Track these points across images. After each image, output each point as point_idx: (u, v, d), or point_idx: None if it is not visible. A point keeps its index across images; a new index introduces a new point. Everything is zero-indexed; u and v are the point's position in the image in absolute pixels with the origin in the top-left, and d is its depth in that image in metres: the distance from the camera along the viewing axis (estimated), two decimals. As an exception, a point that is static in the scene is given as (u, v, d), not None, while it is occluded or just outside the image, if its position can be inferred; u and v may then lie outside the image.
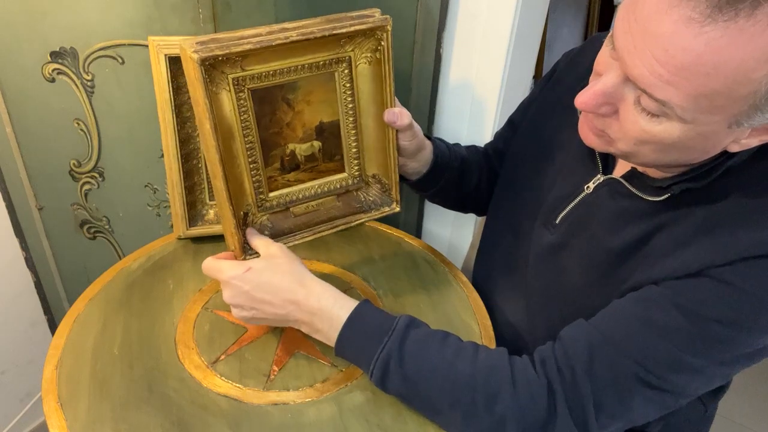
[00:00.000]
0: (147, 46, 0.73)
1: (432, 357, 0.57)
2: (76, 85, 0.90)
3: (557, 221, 0.68)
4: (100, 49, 0.87)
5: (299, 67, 0.65)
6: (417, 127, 0.74)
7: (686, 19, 0.42)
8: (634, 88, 0.49)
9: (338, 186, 0.75)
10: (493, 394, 0.55)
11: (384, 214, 0.77)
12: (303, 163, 0.71)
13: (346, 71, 0.68)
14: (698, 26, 0.42)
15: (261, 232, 0.69)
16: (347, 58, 0.67)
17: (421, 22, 0.95)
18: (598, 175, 0.65)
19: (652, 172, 0.59)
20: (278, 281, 0.61)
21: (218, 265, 0.63)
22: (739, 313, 0.50)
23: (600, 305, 0.61)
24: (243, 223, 0.69)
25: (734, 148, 0.51)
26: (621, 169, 0.64)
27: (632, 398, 0.54)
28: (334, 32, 0.62)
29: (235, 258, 0.66)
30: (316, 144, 0.71)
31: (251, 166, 0.67)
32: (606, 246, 0.61)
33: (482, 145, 0.91)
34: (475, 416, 0.55)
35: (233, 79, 0.61)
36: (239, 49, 0.58)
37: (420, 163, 0.78)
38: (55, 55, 0.88)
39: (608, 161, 0.65)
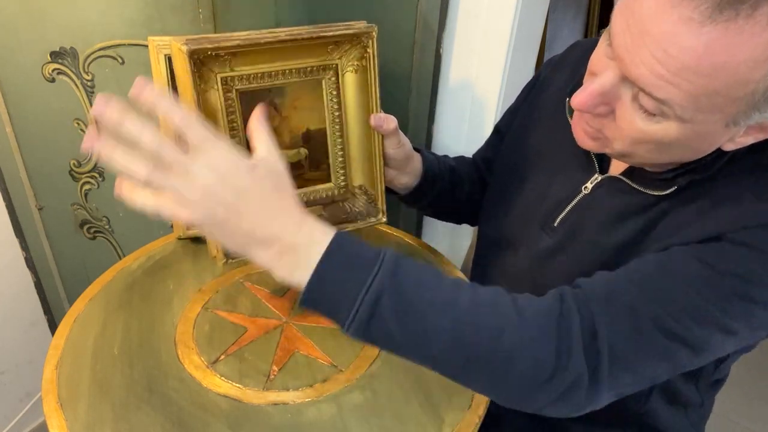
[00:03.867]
0: (147, 46, 0.73)
1: (430, 289, 0.49)
2: (76, 85, 0.90)
3: (555, 224, 0.68)
4: (100, 49, 0.87)
5: (287, 71, 0.66)
6: (404, 137, 0.74)
7: (686, 20, 0.42)
8: (631, 87, 0.49)
9: (324, 196, 0.75)
10: (499, 327, 0.49)
11: (370, 224, 0.77)
12: (289, 170, 0.72)
13: (332, 79, 0.69)
14: (698, 27, 0.42)
15: None
16: (334, 65, 0.68)
17: (421, 22, 0.95)
18: (596, 175, 0.65)
19: (650, 167, 0.59)
20: (278, 199, 0.49)
21: (207, 133, 0.47)
22: (758, 272, 0.50)
23: None
24: None
25: (729, 147, 0.51)
26: (618, 166, 0.64)
27: (649, 346, 0.51)
28: (321, 35, 0.64)
29: (216, 262, 0.62)
30: (303, 151, 0.72)
31: None
32: (606, 245, 0.61)
33: (470, 156, 0.91)
34: (479, 355, 0.49)
35: (222, 78, 0.62)
36: (228, 44, 0.59)
37: (410, 176, 0.78)
38: (55, 55, 0.88)
39: (604, 160, 0.65)
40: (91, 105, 0.91)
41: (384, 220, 0.77)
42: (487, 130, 1.02)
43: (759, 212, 0.50)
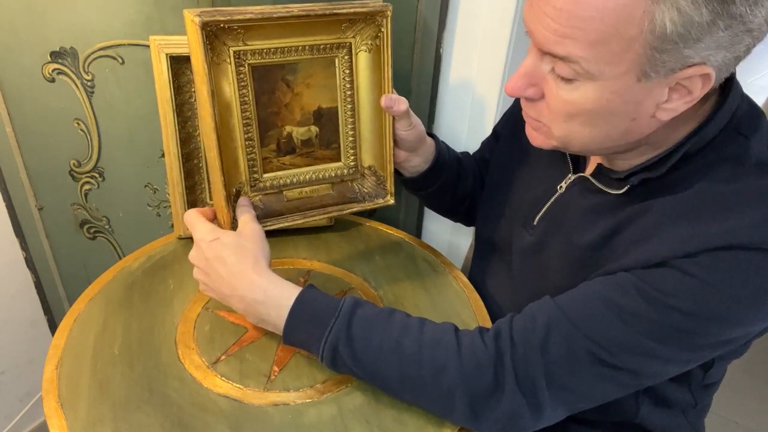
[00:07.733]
0: (147, 46, 0.73)
1: (378, 336, 0.58)
2: (76, 85, 0.90)
3: (535, 222, 0.69)
4: (100, 49, 0.87)
5: (300, 47, 0.66)
6: (417, 120, 0.75)
7: None
8: (549, 62, 0.51)
9: (333, 175, 0.75)
10: (439, 367, 0.56)
11: (377, 205, 0.77)
12: (299, 147, 0.72)
13: (346, 57, 0.69)
14: None
15: None
16: (348, 44, 0.68)
17: (421, 22, 0.95)
18: (569, 175, 0.66)
19: (618, 165, 0.60)
20: (234, 263, 0.61)
21: (195, 222, 0.65)
22: (700, 304, 0.50)
23: None
24: (234, 200, 0.69)
25: (663, 116, 0.51)
26: (591, 167, 0.65)
27: (585, 373, 0.54)
28: (335, 11, 0.64)
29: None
30: (314, 129, 0.72)
31: (247, 143, 0.68)
32: (578, 243, 0.62)
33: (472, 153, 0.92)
34: (424, 390, 0.57)
35: (234, 52, 0.62)
36: (241, 17, 0.59)
37: (422, 159, 0.79)
38: (55, 55, 0.88)
39: (579, 161, 0.67)
40: (91, 105, 0.91)
41: (392, 201, 0.77)
42: (488, 130, 1.02)
43: (708, 236, 0.50)
